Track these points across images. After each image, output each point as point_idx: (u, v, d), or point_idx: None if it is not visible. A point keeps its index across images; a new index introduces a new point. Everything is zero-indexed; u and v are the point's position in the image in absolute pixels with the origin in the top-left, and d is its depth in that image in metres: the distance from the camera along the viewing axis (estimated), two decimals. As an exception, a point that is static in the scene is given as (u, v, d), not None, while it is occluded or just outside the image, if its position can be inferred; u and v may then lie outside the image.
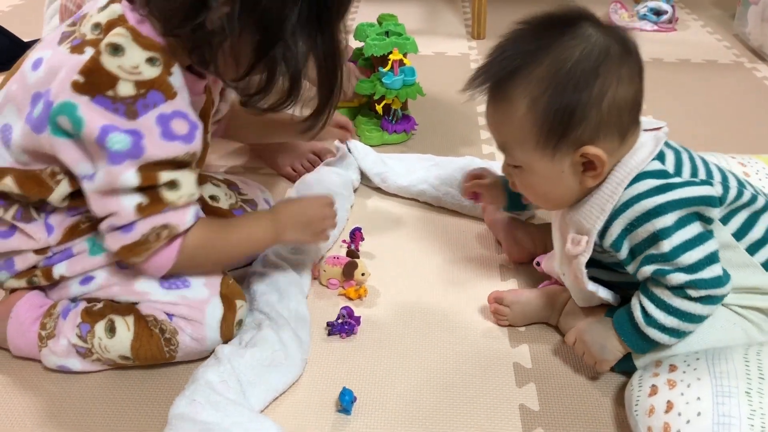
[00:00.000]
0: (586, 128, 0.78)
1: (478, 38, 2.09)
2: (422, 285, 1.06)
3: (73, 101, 0.76)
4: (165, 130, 0.78)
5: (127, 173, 0.77)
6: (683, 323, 0.79)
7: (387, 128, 1.45)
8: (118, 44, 0.77)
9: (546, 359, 0.92)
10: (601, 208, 0.81)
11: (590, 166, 0.80)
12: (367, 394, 0.86)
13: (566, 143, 0.79)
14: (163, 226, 0.80)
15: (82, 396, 0.86)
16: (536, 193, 0.87)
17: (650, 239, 0.78)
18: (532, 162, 0.82)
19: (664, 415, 0.74)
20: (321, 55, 0.81)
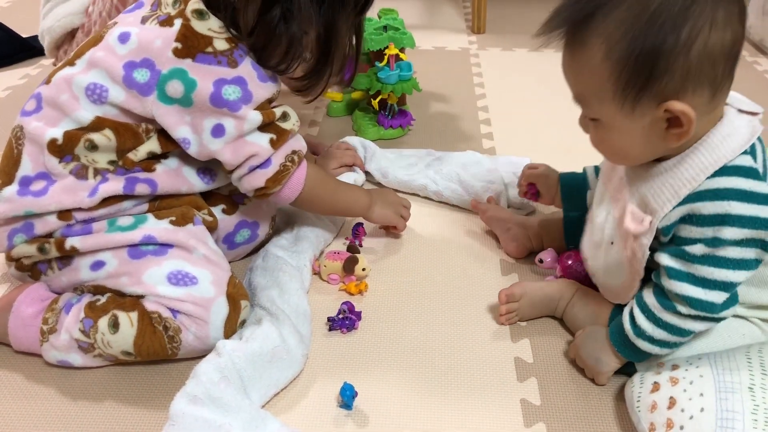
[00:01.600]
0: (670, 79, 0.69)
1: (478, 33, 2.09)
2: (423, 280, 1.06)
3: (181, 66, 0.87)
4: (260, 74, 0.90)
5: (252, 115, 0.89)
6: (672, 336, 0.78)
7: (383, 123, 1.45)
8: (202, 9, 0.88)
9: (547, 354, 0.92)
10: (675, 191, 0.75)
11: (676, 122, 0.72)
12: (368, 389, 0.85)
13: (648, 96, 0.71)
14: (293, 152, 0.94)
15: (83, 391, 0.86)
16: (613, 150, 0.80)
17: (702, 241, 0.74)
18: (609, 115, 0.75)
19: (666, 411, 0.74)
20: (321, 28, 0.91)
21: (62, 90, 0.90)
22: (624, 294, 0.85)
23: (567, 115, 1.55)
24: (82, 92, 0.89)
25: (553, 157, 1.39)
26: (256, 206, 1.05)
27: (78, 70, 0.91)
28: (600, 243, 0.88)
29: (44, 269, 0.92)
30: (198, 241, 0.91)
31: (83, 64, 0.91)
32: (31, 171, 0.89)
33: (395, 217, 1.11)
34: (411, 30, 1.47)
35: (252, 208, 1.04)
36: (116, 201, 0.91)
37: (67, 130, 0.88)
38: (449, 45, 2.00)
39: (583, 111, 0.80)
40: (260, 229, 1.06)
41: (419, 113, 1.56)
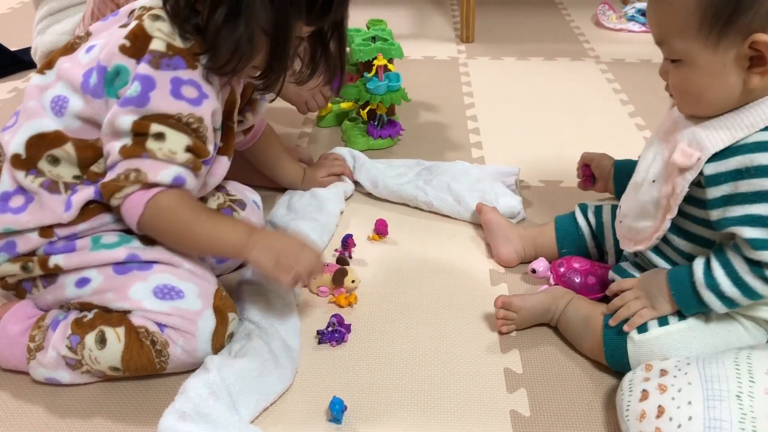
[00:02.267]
0: (756, 13, 0.70)
1: (467, 42, 2.09)
2: (413, 291, 1.05)
3: (123, 63, 0.85)
4: (175, 89, 0.85)
5: (124, 117, 0.84)
6: (743, 297, 0.78)
7: (372, 133, 1.45)
8: (159, 14, 0.86)
9: (537, 364, 0.92)
10: (731, 133, 0.76)
11: (759, 61, 0.73)
12: (358, 403, 0.85)
13: (733, 30, 0.72)
14: (135, 169, 0.84)
15: (71, 409, 0.85)
16: (691, 91, 0.79)
17: (759, 195, 0.74)
18: (692, 53, 0.76)
19: (655, 420, 0.74)
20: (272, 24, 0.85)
21: (31, 97, 0.91)
22: (648, 238, 0.86)
23: (556, 123, 1.58)
24: (48, 104, 0.89)
25: (543, 165, 1.40)
26: (245, 220, 1.04)
27: (48, 81, 0.92)
28: (641, 183, 0.88)
29: (29, 287, 0.91)
30: (183, 257, 0.91)
31: (53, 76, 0.92)
32: (10, 187, 0.89)
33: (273, 268, 0.88)
34: (400, 39, 1.47)
35: None
36: (96, 212, 0.90)
37: (30, 137, 0.88)
38: (438, 54, 2.00)
39: (664, 53, 0.81)
40: None
41: (409, 123, 1.56)
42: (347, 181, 1.29)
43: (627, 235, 0.92)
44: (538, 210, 1.26)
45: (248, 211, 1.07)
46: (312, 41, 0.96)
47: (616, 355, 0.87)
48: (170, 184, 0.85)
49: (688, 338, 0.83)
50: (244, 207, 1.07)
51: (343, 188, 1.27)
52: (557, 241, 1.08)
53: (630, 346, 0.85)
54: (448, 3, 2.48)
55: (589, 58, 1.97)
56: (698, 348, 0.82)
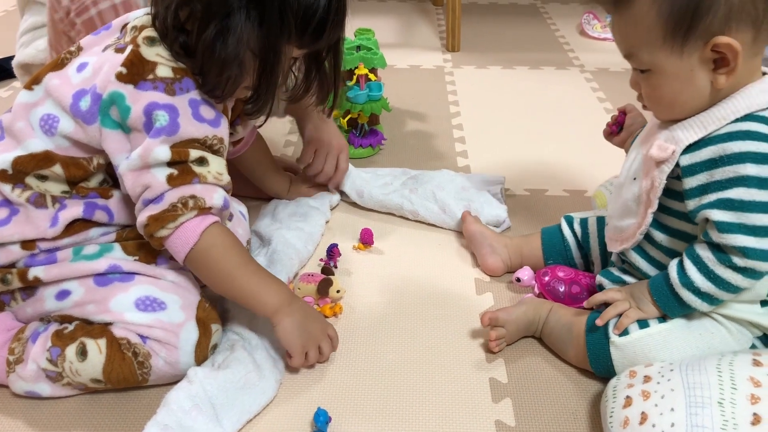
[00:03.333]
0: (715, 17, 0.74)
1: (452, 51, 2.10)
2: (398, 301, 1.05)
3: (120, 90, 0.84)
4: (195, 112, 0.85)
5: (160, 148, 0.83)
6: (719, 291, 0.79)
7: (353, 142, 1.45)
8: (154, 37, 0.85)
9: (522, 374, 0.92)
10: (703, 125, 0.79)
11: (723, 62, 0.76)
12: (342, 414, 0.85)
13: (695, 35, 0.76)
14: (191, 196, 0.84)
15: (51, 422, 0.84)
16: (663, 98, 0.82)
17: (732, 181, 0.76)
18: (660, 62, 0.79)
19: (638, 427, 0.74)
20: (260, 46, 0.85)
21: (19, 117, 0.89)
22: (632, 235, 0.88)
23: (541, 131, 1.58)
24: (37, 123, 0.88)
25: (528, 174, 1.40)
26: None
27: (36, 98, 0.89)
28: (623, 183, 0.91)
29: (7, 300, 0.90)
30: (165, 268, 0.90)
31: (41, 92, 0.89)
32: None
33: (298, 348, 0.88)
34: (386, 48, 1.47)
35: None
36: (82, 228, 0.89)
37: (18, 157, 0.87)
38: (424, 63, 2.01)
39: (633, 65, 0.84)
40: None
41: (394, 131, 1.56)
42: (333, 191, 1.28)
43: (613, 236, 0.93)
44: (523, 219, 1.26)
45: (235, 222, 1.06)
46: (307, 59, 0.96)
47: (600, 360, 0.87)
48: (221, 208, 0.87)
49: (670, 340, 0.83)
50: (230, 218, 1.06)
51: (329, 198, 1.27)
52: (543, 252, 1.08)
53: (613, 350, 0.85)
54: (434, 12, 2.49)
55: (573, 67, 1.98)
56: (681, 350, 0.83)
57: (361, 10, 2.47)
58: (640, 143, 0.90)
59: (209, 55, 0.82)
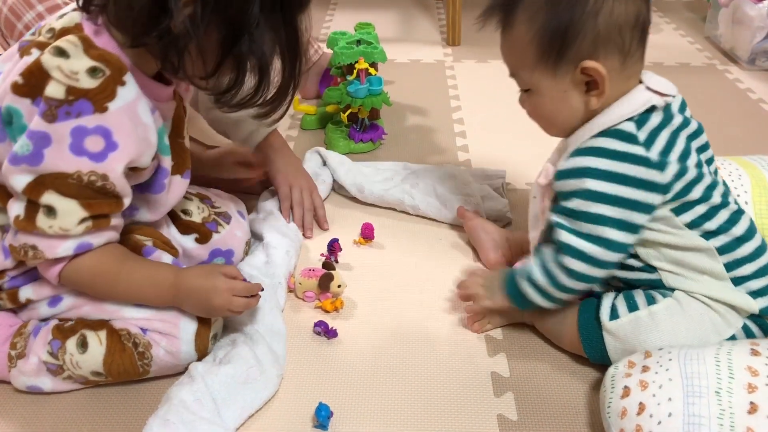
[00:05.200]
0: (582, 43, 0.80)
1: (453, 45, 2.10)
2: (400, 295, 1.05)
3: (15, 105, 0.76)
4: (75, 143, 0.75)
5: (18, 177, 0.76)
6: (551, 287, 0.85)
7: (354, 137, 1.45)
8: (65, 49, 0.75)
9: (523, 367, 0.92)
10: (566, 147, 0.86)
11: (594, 84, 0.82)
12: (344, 409, 0.85)
13: (565, 59, 0.82)
14: (32, 246, 0.78)
15: (53, 418, 0.84)
16: (543, 116, 0.90)
17: (573, 193, 0.82)
18: (537, 82, 0.85)
19: (636, 417, 0.74)
20: (284, 45, 0.79)
21: None
22: (533, 244, 0.94)
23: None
24: None
25: (530, 168, 1.40)
26: (230, 234, 1.04)
27: None
28: (531, 200, 0.97)
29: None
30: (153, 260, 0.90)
31: None
32: None
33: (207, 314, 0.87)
34: (387, 43, 1.47)
35: (226, 236, 1.03)
36: None
37: None
38: (425, 57, 2.00)
39: (518, 84, 0.90)
40: (235, 256, 1.05)
41: (394, 126, 1.56)
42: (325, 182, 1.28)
43: (531, 242, 0.97)
44: (524, 213, 1.24)
45: (233, 224, 1.05)
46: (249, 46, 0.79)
47: (594, 346, 0.88)
48: (74, 255, 0.80)
49: (660, 322, 0.84)
50: (228, 220, 1.05)
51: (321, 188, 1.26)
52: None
53: (605, 335, 0.87)
54: (434, 6, 2.48)
55: (574, 61, 1.98)
56: (671, 332, 0.83)
57: (362, 4, 2.46)
58: None
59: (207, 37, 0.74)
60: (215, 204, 1.07)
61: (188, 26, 0.72)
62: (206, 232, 1.01)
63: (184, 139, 0.94)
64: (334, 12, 2.39)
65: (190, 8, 0.72)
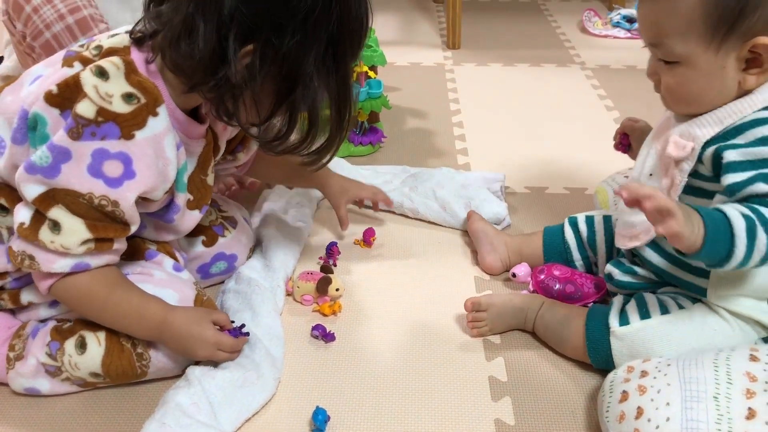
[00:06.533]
0: (759, 18, 0.75)
1: (453, 48, 2.10)
2: (398, 298, 1.05)
3: (43, 113, 0.76)
4: (94, 165, 0.75)
5: (30, 187, 0.76)
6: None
7: (353, 140, 1.45)
8: (106, 70, 0.76)
9: (521, 372, 0.91)
10: (720, 120, 0.79)
11: (755, 62, 0.77)
12: (341, 413, 0.84)
13: (736, 33, 0.76)
14: (29, 256, 0.78)
15: (50, 421, 0.84)
16: (686, 92, 0.82)
17: None
18: (693, 55, 0.78)
19: (634, 422, 0.74)
20: (335, 92, 0.80)
21: None
22: (646, 231, 0.87)
23: (541, 129, 1.58)
24: None
25: (529, 171, 1.40)
26: (235, 239, 1.04)
27: None
28: (637, 178, 0.90)
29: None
30: (154, 265, 0.90)
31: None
32: None
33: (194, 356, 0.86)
34: (386, 46, 1.47)
35: (232, 240, 1.04)
36: None
37: None
38: (425, 61, 2.00)
39: (658, 55, 0.82)
40: (237, 261, 1.05)
41: (394, 129, 1.56)
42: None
43: (623, 232, 0.92)
44: (523, 216, 1.26)
45: (239, 229, 1.06)
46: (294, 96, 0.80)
47: (599, 351, 0.87)
48: (69, 273, 0.79)
49: (671, 332, 0.83)
50: (235, 225, 1.06)
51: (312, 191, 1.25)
52: (544, 252, 1.08)
53: (613, 340, 0.86)
54: (434, 9, 2.48)
55: (574, 64, 1.98)
56: (681, 344, 0.83)
57: (362, 7, 2.46)
58: (652, 139, 0.90)
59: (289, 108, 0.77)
60: (222, 208, 1.07)
61: (245, 76, 0.74)
62: (213, 235, 1.02)
63: (207, 176, 0.92)
64: (334, 15, 2.39)
65: (248, 59, 0.74)
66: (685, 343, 0.83)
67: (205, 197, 0.93)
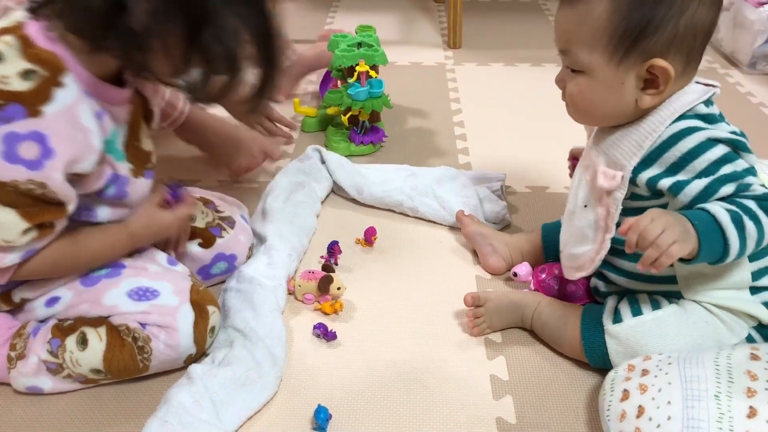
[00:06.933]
0: (658, 40, 0.77)
1: (454, 48, 2.10)
2: (399, 298, 1.05)
3: None
4: (8, 151, 0.72)
5: None
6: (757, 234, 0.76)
7: (354, 139, 1.45)
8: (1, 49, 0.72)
9: (523, 371, 0.92)
10: (639, 145, 0.81)
11: (652, 83, 0.80)
12: (343, 411, 0.85)
13: (636, 52, 0.78)
14: None
15: (52, 420, 0.84)
16: (586, 102, 0.85)
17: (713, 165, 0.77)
18: (595, 67, 0.81)
19: (635, 420, 0.74)
20: (253, 25, 0.74)
21: None
22: (591, 260, 0.88)
23: (542, 129, 1.58)
24: None
25: (530, 171, 1.40)
26: (234, 239, 1.04)
27: None
28: (573, 211, 0.91)
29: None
30: (147, 259, 0.91)
31: None
32: None
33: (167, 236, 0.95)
34: (387, 45, 1.47)
35: (230, 241, 1.04)
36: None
37: None
38: (425, 60, 2.00)
39: (566, 62, 0.85)
40: (237, 261, 1.05)
41: (395, 129, 1.56)
42: (319, 181, 1.28)
43: (568, 264, 0.94)
44: (524, 216, 1.26)
45: (237, 228, 1.06)
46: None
47: (595, 350, 0.88)
48: (21, 261, 0.78)
49: (664, 328, 0.84)
50: (233, 225, 1.06)
51: (317, 190, 1.26)
52: (543, 249, 1.08)
53: (608, 339, 0.86)
54: (435, 9, 2.48)
55: (575, 64, 1.98)
56: (675, 339, 0.83)
57: (362, 6, 2.46)
58: (581, 168, 0.91)
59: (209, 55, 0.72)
60: (219, 209, 1.07)
61: (148, 21, 0.69)
62: (210, 237, 1.02)
63: (140, 142, 0.90)
64: (335, 15, 2.39)
65: (149, 2, 0.69)
66: (680, 338, 0.83)
67: (146, 162, 0.90)
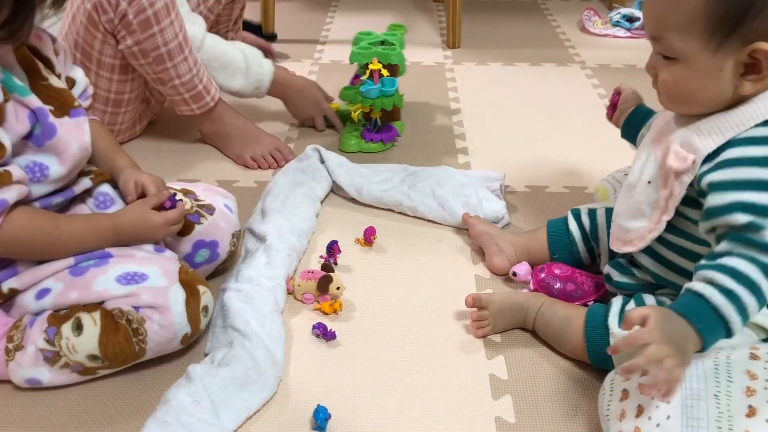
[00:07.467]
0: (762, 22, 0.72)
1: (453, 47, 2.10)
2: (399, 297, 1.05)
3: None
4: None
5: None
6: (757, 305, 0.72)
7: (365, 137, 1.45)
8: None
9: (522, 370, 0.92)
10: (721, 131, 0.77)
11: (753, 68, 0.75)
12: (342, 411, 0.85)
13: (736, 36, 0.74)
14: None
15: (52, 420, 0.84)
16: (681, 90, 0.80)
17: (755, 184, 0.73)
18: (691, 54, 0.77)
19: (634, 420, 0.74)
20: None
21: None
22: (641, 238, 0.86)
23: (541, 128, 1.58)
24: None
25: (529, 170, 1.40)
26: (213, 225, 1.03)
27: None
28: (635, 184, 0.88)
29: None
30: (134, 247, 0.92)
31: None
32: None
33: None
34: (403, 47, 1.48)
35: (209, 227, 1.02)
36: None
37: None
38: (425, 60, 2.00)
39: (658, 49, 0.81)
40: (220, 248, 1.04)
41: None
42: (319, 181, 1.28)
43: (618, 235, 0.91)
44: (523, 215, 1.26)
45: (217, 215, 1.04)
46: None
47: (598, 351, 0.87)
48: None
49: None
50: (212, 212, 1.04)
51: (317, 189, 1.27)
52: (549, 246, 1.08)
53: (612, 342, 0.85)
54: (434, 9, 2.48)
55: (574, 64, 1.98)
56: None
57: (362, 6, 2.46)
58: (651, 143, 0.88)
59: None
60: (199, 197, 1.05)
61: None
62: (188, 224, 1.01)
63: (47, 80, 0.90)
64: (334, 14, 2.40)
65: None
66: None
67: (66, 101, 0.91)
